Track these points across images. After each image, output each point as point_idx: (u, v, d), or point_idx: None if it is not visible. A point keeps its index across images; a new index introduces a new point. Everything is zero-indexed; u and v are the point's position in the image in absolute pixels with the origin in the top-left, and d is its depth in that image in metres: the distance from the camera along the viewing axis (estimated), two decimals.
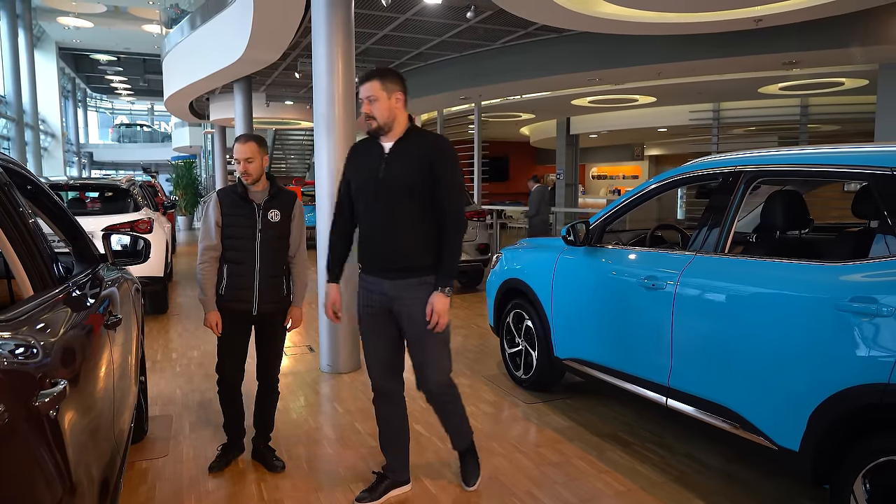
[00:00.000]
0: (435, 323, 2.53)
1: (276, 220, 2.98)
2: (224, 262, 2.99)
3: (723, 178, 3.01)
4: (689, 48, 8.28)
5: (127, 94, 37.89)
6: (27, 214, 1.87)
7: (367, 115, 2.53)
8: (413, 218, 2.54)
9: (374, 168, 2.57)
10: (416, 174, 2.52)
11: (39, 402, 1.15)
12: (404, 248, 2.56)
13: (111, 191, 7.12)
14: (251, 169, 2.94)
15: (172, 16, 15.26)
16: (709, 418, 2.78)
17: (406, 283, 2.58)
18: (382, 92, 2.51)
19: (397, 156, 2.55)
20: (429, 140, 2.61)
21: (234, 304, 2.99)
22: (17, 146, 18.14)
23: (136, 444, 3.35)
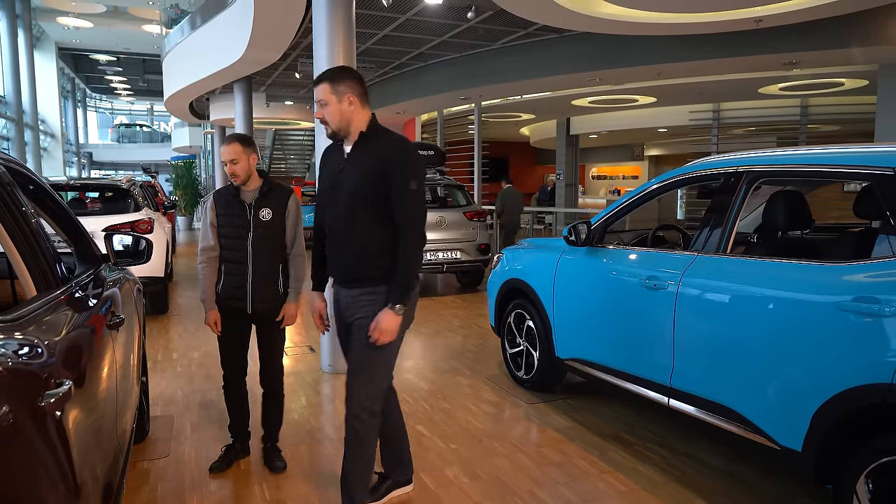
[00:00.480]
0: (375, 340, 2.36)
1: (267, 219, 2.98)
2: (221, 262, 3.03)
3: (725, 179, 3.01)
4: (689, 48, 8.28)
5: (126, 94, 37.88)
6: (30, 214, 1.87)
7: (320, 120, 2.43)
8: (366, 226, 2.39)
9: (333, 174, 2.49)
10: (368, 180, 2.35)
11: (45, 403, 1.15)
12: (357, 258, 2.43)
13: (111, 191, 7.12)
14: (237, 170, 2.93)
15: (172, 16, 15.26)
16: (711, 418, 2.78)
17: (356, 293, 2.46)
18: (332, 95, 2.37)
19: (352, 161, 2.42)
20: (384, 143, 2.41)
21: (230, 303, 3.02)
22: (16, 146, 18.14)
23: (138, 445, 3.35)
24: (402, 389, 4.33)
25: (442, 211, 8.08)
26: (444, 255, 7.87)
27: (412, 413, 3.87)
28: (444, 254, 7.87)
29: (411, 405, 4.02)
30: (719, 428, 2.74)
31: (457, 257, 7.95)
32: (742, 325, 2.63)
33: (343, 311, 2.55)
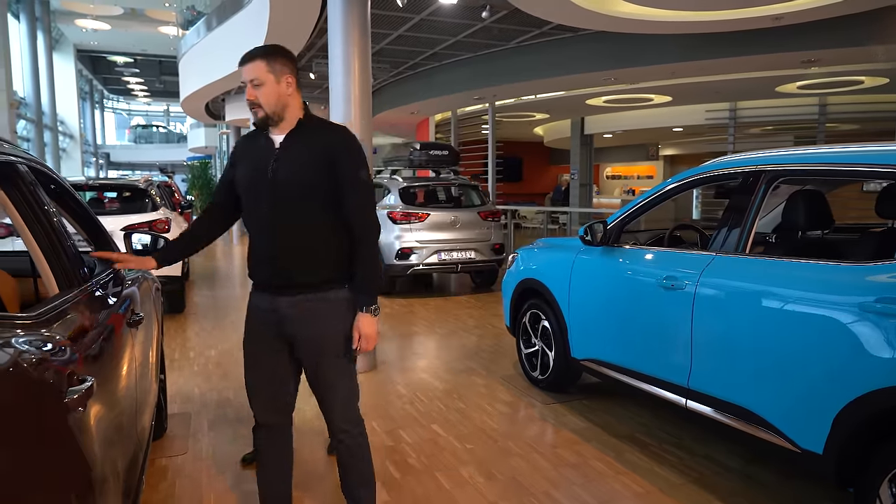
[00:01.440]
0: (362, 350, 2.21)
1: None
2: None
3: (743, 178, 2.98)
4: (705, 47, 8.22)
5: (143, 95, 38.35)
6: (52, 214, 1.90)
7: (250, 102, 2.13)
8: (312, 223, 2.14)
9: (261, 166, 2.15)
10: (312, 172, 2.12)
11: (69, 399, 1.16)
12: (302, 260, 2.15)
13: (129, 191, 7.20)
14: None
15: (189, 18, 15.41)
16: (729, 420, 2.75)
17: (305, 298, 2.16)
18: (269, 74, 2.09)
19: (290, 151, 2.14)
20: (327, 131, 2.21)
21: None
22: (36, 147, 18.40)
23: (157, 442, 3.38)
24: (418, 389, 4.34)
25: (456, 211, 8.08)
26: (458, 255, 7.86)
27: (427, 412, 3.87)
28: (459, 253, 7.86)
29: (426, 404, 4.02)
30: (737, 430, 2.71)
31: (471, 257, 7.94)
32: (761, 325, 2.60)
33: (280, 322, 2.21)
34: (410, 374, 4.70)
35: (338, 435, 2.30)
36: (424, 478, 3.02)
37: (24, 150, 1.92)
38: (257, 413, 2.34)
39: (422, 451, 3.32)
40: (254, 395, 2.33)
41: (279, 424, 2.35)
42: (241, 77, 2.14)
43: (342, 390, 2.27)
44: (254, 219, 2.22)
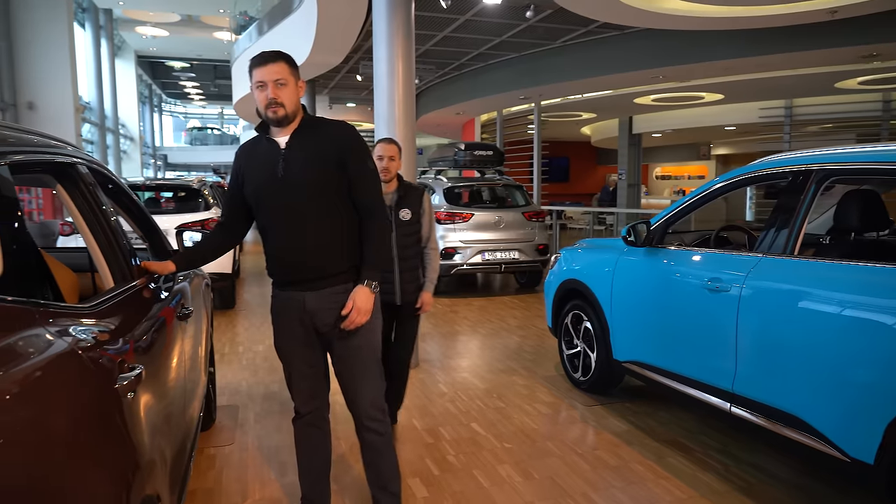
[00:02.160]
0: (351, 321, 2.18)
1: (407, 219, 3.22)
2: None
3: (792, 177, 2.90)
4: (758, 43, 7.97)
5: (199, 98, 39.61)
6: (110, 213, 2.00)
7: (271, 101, 2.14)
8: (325, 218, 2.20)
9: (270, 168, 2.21)
10: (319, 167, 2.17)
11: (119, 385, 1.24)
12: (323, 253, 2.21)
13: (184, 191, 7.47)
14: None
15: (241, 23, 15.86)
16: (775, 426, 2.67)
17: (327, 293, 2.24)
18: (291, 77, 2.17)
19: (297, 150, 2.20)
20: (331, 128, 2.26)
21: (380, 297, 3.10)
22: (99, 149, 19.26)
23: (206, 432, 3.51)
24: (459, 387, 4.37)
25: (500, 211, 8.07)
26: (501, 255, 7.86)
27: (467, 411, 3.90)
28: (502, 254, 7.86)
29: (466, 403, 4.05)
30: (784, 437, 2.63)
31: (515, 257, 7.92)
32: (810, 329, 2.52)
33: (311, 316, 2.27)
34: (452, 373, 4.73)
35: (368, 424, 2.36)
36: (462, 475, 3.04)
37: (86, 151, 2.03)
38: (298, 403, 2.44)
39: (461, 449, 3.34)
40: (294, 387, 2.42)
41: (318, 409, 2.46)
42: (259, 77, 2.15)
43: (369, 381, 2.34)
44: (267, 220, 2.27)
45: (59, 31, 13.63)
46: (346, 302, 2.19)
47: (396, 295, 3.23)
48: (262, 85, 2.15)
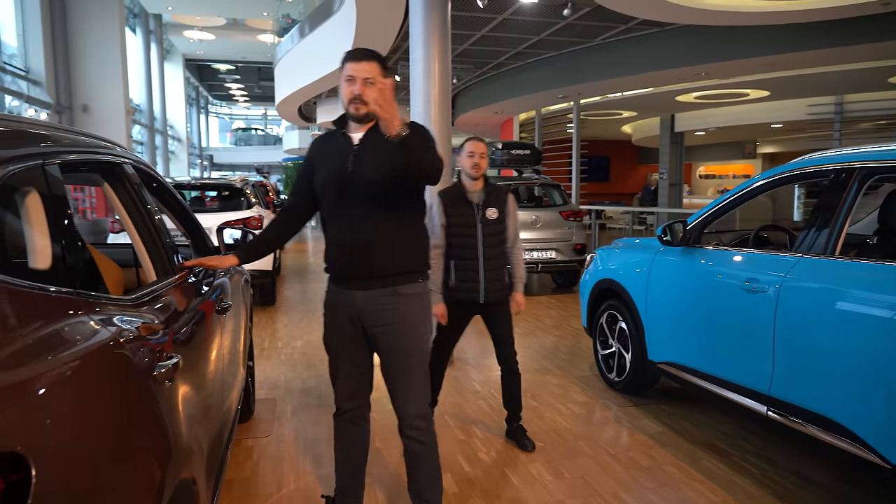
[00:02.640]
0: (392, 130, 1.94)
1: (493, 218, 3.24)
2: (451, 258, 3.25)
3: (834, 175, 2.82)
4: (805, 37, 7.73)
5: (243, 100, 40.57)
6: (154, 211, 2.10)
7: (356, 96, 2.14)
8: (388, 218, 2.19)
9: (340, 163, 2.21)
10: (389, 166, 2.12)
11: (157, 373, 1.31)
12: (379, 253, 2.20)
13: (227, 190, 7.69)
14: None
15: (284, 25, 16.17)
16: (813, 431, 2.61)
17: (378, 294, 2.23)
18: (380, 78, 2.15)
19: (369, 147, 2.19)
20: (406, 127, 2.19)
21: (462, 295, 3.25)
22: (148, 150, 19.93)
23: (245, 424, 3.62)
24: (491, 386, 4.38)
25: (537, 210, 8.04)
26: (538, 255, 7.83)
27: (499, 409, 3.91)
28: (539, 253, 7.83)
29: (498, 401, 4.05)
30: (823, 441, 2.57)
31: (551, 257, 7.88)
32: (850, 332, 2.46)
33: (360, 315, 2.28)
34: (486, 372, 4.75)
35: (410, 433, 2.33)
36: (493, 472, 3.06)
37: (131, 152, 2.13)
38: (340, 400, 2.45)
39: (492, 447, 3.37)
40: (337, 384, 2.43)
41: (359, 407, 2.46)
42: (350, 71, 2.15)
43: (413, 388, 2.31)
44: (332, 214, 2.28)
45: (112, 36, 14.16)
46: None
47: (480, 294, 3.25)
48: (351, 80, 2.15)
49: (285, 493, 2.86)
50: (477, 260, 3.23)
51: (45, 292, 1.12)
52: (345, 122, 2.28)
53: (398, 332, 2.26)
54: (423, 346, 2.34)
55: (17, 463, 0.80)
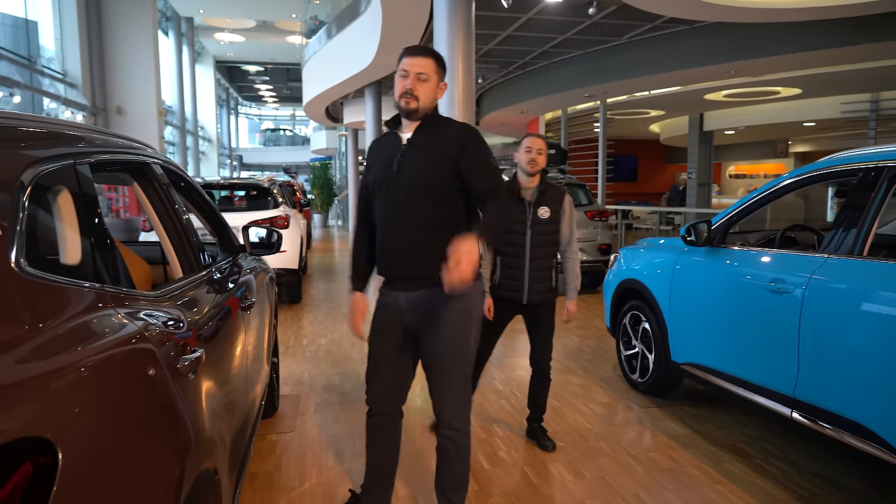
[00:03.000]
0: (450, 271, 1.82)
1: (545, 217, 3.15)
2: (497, 254, 3.20)
3: (863, 174, 2.77)
4: (837, 33, 7.55)
5: (272, 101, 41.08)
6: (181, 210, 2.16)
7: (407, 90, 2.16)
8: (433, 218, 2.17)
9: (388, 162, 2.23)
10: (435, 166, 2.15)
11: (181, 365, 1.35)
12: (422, 255, 2.17)
13: (255, 190, 7.81)
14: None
15: (312, 27, 16.35)
16: (839, 434, 2.57)
17: (421, 295, 2.22)
18: (435, 75, 2.19)
19: (415, 147, 2.21)
20: (453, 128, 2.25)
21: (505, 293, 3.19)
22: (180, 150, 20.32)
23: (269, 419, 3.69)
24: (514, 385, 4.39)
25: None
26: None
27: (521, 409, 3.92)
28: None
29: (521, 401, 4.07)
30: (849, 445, 2.53)
31: None
32: (876, 334, 2.41)
33: (403, 316, 2.28)
34: (508, 371, 4.75)
35: (445, 432, 2.32)
36: (513, 471, 3.07)
37: (159, 152, 2.19)
38: (373, 403, 2.40)
39: (512, 446, 3.38)
40: (372, 385, 2.39)
41: (390, 414, 2.42)
42: (404, 65, 2.17)
43: (453, 390, 2.29)
44: (380, 214, 2.28)
45: (145, 39, 14.49)
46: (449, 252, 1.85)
47: (524, 293, 3.17)
48: (405, 74, 2.17)
49: (307, 487, 2.91)
50: (523, 259, 3.14)
51: (74, 287, 1.17)
52: (398, 123, 2.29)
53: (440, 334, 2.24)
54: (465, 349, 2.27)
55: (45, 448, 0.84)
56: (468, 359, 2.31)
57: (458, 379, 2.29)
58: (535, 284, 3.17)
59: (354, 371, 4.73)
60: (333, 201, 21.89)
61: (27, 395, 0.88)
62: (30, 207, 1.14)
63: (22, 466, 0.80)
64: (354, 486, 2.73)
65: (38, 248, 1.14)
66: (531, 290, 3.17)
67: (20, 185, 1.14)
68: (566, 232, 3.23)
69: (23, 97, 11.35)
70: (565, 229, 3.22)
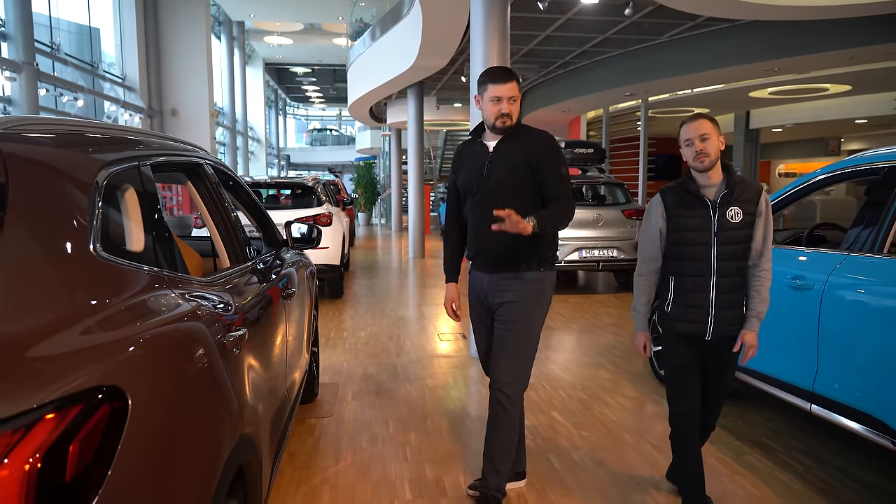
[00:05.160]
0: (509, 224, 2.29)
1: (736, 221, 2.39)
2: (671, 274, 2.50)
3: (885, 173, 2.81)
4: (887, 28, 7.36)
5: (319, 101, 41.93)
6: (230, 208, 2.39)
7: (504, 114, 2.53)
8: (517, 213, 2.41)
9: (478, 168, 2.61)
10: (518, 172, 2.54)
11: (226, 341, 1.56)
12: (505, 243, 2.50)
13: (300, 188, 8.14)
14: (708, 148, 2.35)
15: (357, 29, 16.71)
16: (857, 429, 2.62)
17: (499, 276, 2.60)
18: (519, 93, 2.57)
19: (502, 154, 2.58)
20: (534, 137, 2.61)
21: (681, 325, 2.49)
22: (230, 151, 21.05)
23: (309, 405, 3.92)
24: (543, 377, 4.52)
25: (599, 209, 8.07)
26: (599, 253, 7.85)
27: (548, 400, 4.05)
28: (600, 251, 7.85)
29: (549, 392, 4.20)
30: (866, 440, 2.58)
31: (613, 255, 7.89)
32: (894, 330, 2.46)
33: (486, 295, 2.67)
34: (539, 365, 4.87)
35: (496, 393, 2.58)
36: (537, 457, 3.21)
37: (209, 153, 2.43)
38: (483, 364, 2.81)
39: (538, 434, 3.51)
40: (481, 357, 2.81)
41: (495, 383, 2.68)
42: (495, 93, 2.53)
43: (509, 355, 2.58)
44: (471, 211, 2.66)
45: (199, 44, 15.12)
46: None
47: (708, 325, 2.43)
48: (498, 100, 2.53)
49: (342, 466, 3.12)
50: (708, 277, 2.40)
51: (138, 269, 1.39)
52: (480, 132, 2.69)
53: (512, 309, 2.59)
54: (532, 327, 2.62)
55: (118, 395, 1.05)
56: (534, 338, 2.63)
57: (519, 350, 2.59)
58: (722, 312, 2.43)
59: (390, 362, 4.94)
60: (377, 200, 22.30)
61: (102, 353, 1.09)
62: (103, 204, 1.36)
63: (100, 409, 1.01)
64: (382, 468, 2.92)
65: (109, 236, 1.36)
66: (718, 319, 2.42)
67: (95, 185, 1.36)
68: (760, 241, 2.43)
69: (85, 101, 12.02)
70: (759, 238, 2.42)
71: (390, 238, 17.23)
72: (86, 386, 0.99)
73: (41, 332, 1.03)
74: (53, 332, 1.05)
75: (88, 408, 0.98)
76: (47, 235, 1.19)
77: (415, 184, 12.98)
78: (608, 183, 8.70)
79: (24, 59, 9.60)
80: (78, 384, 0.98)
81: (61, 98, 11.33)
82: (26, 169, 1.24)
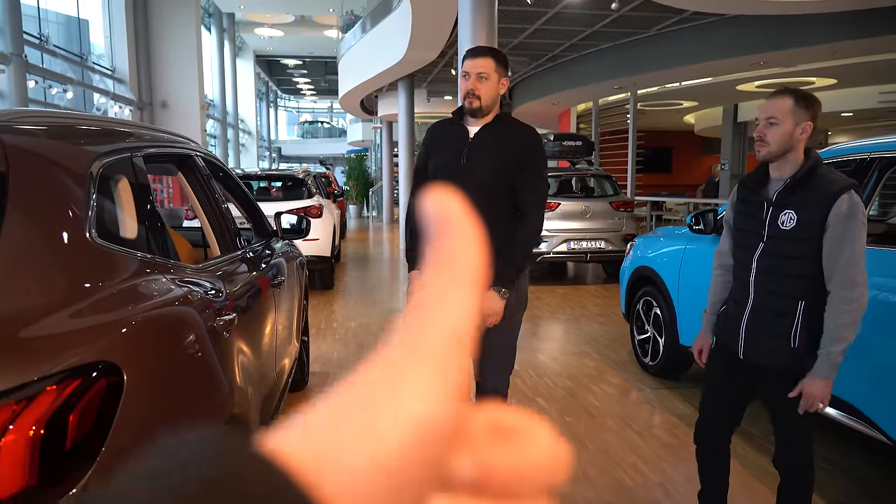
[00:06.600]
0: (490, 325, 2.23)
1: (788, 227, 1.88)
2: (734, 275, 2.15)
3: (855, 166, 2.90)
4: (871, 22, 7.48)
5: (310, 94, 41.78)
6: (221, 199, 2.45)
7: (469, 91, 2.27)
8: (493, 208, 2.24)
9: (455, 153, 2.33)
10: (499, 162, 2.29)
11: (216, 324, 1.63)
12: None
13: (290, 181, 8.18)
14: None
15: (347, 21, 16.70)
16: (833, 413, 2.73)
17: None
18: (495, 73, 2.28)
19: (483, 142, 2.32)
20: (521, 131, 2.38)
21: (719, 333, 2.20)
22: (221, 143, 20.99)
23: (299, 393, 3.99)
24: (529, 366, 4.61)
25: (587, 200, 8.16)
26: (587, 245, 7.95)
27: (534, 387, 4.15)
28: (588, 243, 7.95)
29: (534, 380, 4.29)
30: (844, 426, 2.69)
31: (601, 247, 7.99)
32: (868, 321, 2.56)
33: None
34: (525, 353, 4.97)
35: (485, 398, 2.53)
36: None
37: (201, 145, 2.49)
38: None
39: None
40: None
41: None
42: (465, 67, 2.29)
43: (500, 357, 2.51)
44: None
45: (189, 35, 15.05)
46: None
47: (738, 342, 2.04)
48: (466, 75, 2.29)
49: None
50: (746, 289, 2.01)
51: (132, 255, 1.46)
52: (463, 113, 2.39)
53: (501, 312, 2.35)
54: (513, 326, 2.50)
55: (113, 371, 1.12)
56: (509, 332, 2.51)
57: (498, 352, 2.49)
58: (755, 333, 2.00)
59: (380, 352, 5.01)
60: (369, 192, 22.32)
61: (99, 332, 1.16)
62: (98, 193, 1.43)
63: (97, 382, 1.08)
64: None
65: (104, 224, 1.42)
66: (750, 340, 2.01)
67: (90, 175, 1.42)
68: (830, 259, 1.84)
69: (74, 93, 11.97)
70: (829, 252, 1.84)
71: (381, 230, 17.28)
72: (84, 361, 1.06)
73: (42, 312, 1.10)
74: (53, 312, 1.12)
75: (86, 381, 1.05)
76: (46, 223, 1.25)
77: (405, 176, 13.04)
78: (596, 175, 8.79)
79: (12, 51, 9.56)
80: (77, 360, 1.05)
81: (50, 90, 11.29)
82: (25, 159, 1.30)
